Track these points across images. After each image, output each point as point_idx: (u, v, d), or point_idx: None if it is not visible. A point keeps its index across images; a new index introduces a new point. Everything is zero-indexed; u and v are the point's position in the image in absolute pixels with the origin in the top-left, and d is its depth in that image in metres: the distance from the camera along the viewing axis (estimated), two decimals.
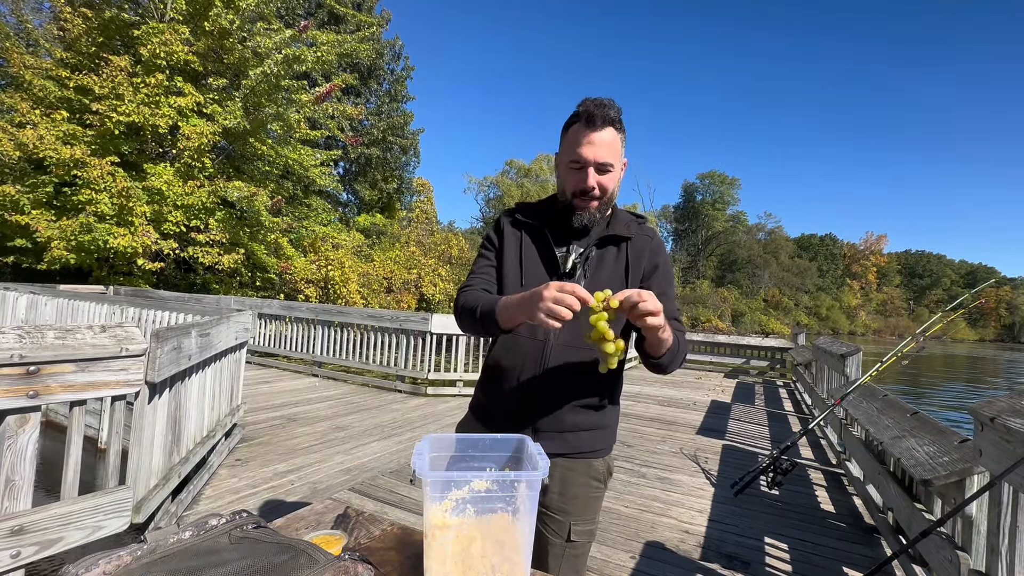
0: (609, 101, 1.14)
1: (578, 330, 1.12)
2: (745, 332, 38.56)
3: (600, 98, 1.15)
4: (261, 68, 11.40)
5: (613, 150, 1.14)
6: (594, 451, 1.21)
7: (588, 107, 1.13)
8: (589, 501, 1.19)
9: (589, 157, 1.12)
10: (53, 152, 9.77)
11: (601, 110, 1.12)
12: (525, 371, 1.16)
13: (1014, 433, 1.39)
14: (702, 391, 7.73)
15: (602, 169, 1.14)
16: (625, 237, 1.22)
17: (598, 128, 1.12)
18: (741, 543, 2.71)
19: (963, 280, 71.36)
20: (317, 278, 14.32)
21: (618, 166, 1.18)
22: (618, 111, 1.15)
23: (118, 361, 1.74)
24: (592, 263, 1.20)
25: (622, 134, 1.17)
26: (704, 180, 57.10)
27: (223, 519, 0.74)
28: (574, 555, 1.17)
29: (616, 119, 1.14)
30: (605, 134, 1.12)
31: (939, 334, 3.46)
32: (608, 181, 1.16)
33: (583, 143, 1.13)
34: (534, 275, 1.21)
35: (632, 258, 1.22)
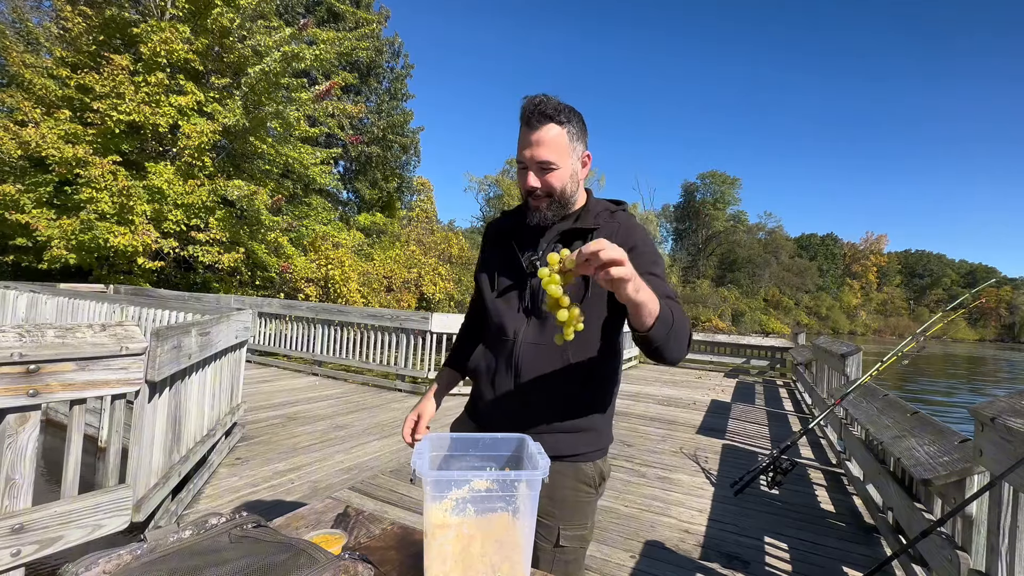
0: (546, 97, 1.11)
1: (545, 328, 1.13)
2: (745, 332, 38.57)
3: (538, 95, 1.12)
4: (261, 66, 11.40)
5: (555, 147, 1.10)
6: (578, 455, 1.16)
7: (525, 108, 1.11)
8: (578, 506, 1.15)
9: (528, 157, 1.11)
10: (55, 151, 9.76)
11: (536, 107, 1.09)
12: (500, 371, 1.18)
13: (1014, 433, 1.39)
14: (702, 390, 7.74)
15: (544, 168, 1.11)
16: (590, 228, 1.16)
17: (535, 127, 1.10)
18: (741, 542, 2.71)
19: (963, 280, 71.34)
20: (317, 277, 14.32)
21: (565, 162, 1.13)
22: (557, 105, 1.10)
23: (118, 360, 1.74)
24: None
25: (570, 127, 1.12)
26: (705, 179, 57.04)
27: (223, 518, 0.74)
28: (564, 560, 1.13)
29: (556, 114, 1.10)
30: (545, 132, 1.09)
31: (939, 334, 3.46)
32: (553, 179, 1.12)
33: (523, 145, 1.12)
34: (502, 280, 1.23)
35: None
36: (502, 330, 1.18)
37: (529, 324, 1.15)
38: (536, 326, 1.15)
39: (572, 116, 1.13)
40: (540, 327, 1.15)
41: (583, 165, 1.19)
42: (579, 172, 1.18)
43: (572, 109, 1.14)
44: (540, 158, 1.10)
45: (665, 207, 58.78)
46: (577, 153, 1.16)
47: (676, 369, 10.26)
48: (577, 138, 1.15)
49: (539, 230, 1.20)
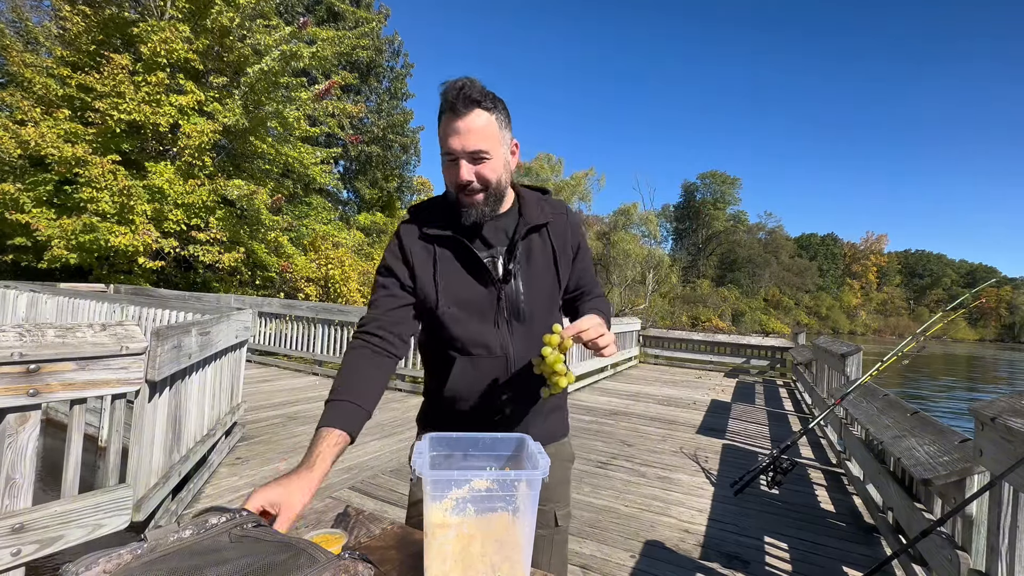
0: (469, 80, 1.03)
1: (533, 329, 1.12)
2: (745, 331, 38.56)
3: (459, 79, 1.04)
4: (260, 65, 11.39)
5: (486, 135, 1.02)
6: (562, 433, 1.25)
7: (446, 93, 1.02)
8: (565, 484, 1.23)
9: (457, 148, 1.02)
10: (55, 150, 9.76)
11: (460, 92, 1.01)
12: (492, 391, 1.12)
13: (1015, 433, 1.39)
14: (702, 390, 7.73)
15: (476, 158, 1.03)
16: (542, 223, 1.14)
17: (461, 114, 1.00)
18: (741, 542, 2.71)
19: (963, 280, 71.33)
20: (317, 277, 14.32)
21: (498, 151, 1.05)
22: (482, 89, 1.03)
23: (118, 359, 1.74)
24: (522, 260, 1.12)
25: (497, 113, 1.05)
26: (705, 179, 57.07)
27: (223, 517, 0.74)
28: (561, 541, 1.19)
29: (483, 98, 1.02)
30: (473, 119, 1.01)
31: (939, 334, 3.47)
32: (487, 171, 1.04)
33: (450, 134, 1.02)
34: (463, 289, 1.09)
35: (557, 244, 1.16)
36: (484, 347, 1.09)
37: (514, 334, 1.10)
38: (522, 336, 1.11)
39: (497, 102, 1.06)
40: (527, 332, 1.11)
41: (512, 154, 1.12)
42: (510, 161, 1.11)
43: (496, 96, 1.07)
44: (472, 147, 1.02)
45: (665, 207, 58.83)
46: (506, 141, 1.09)
47: (676, 369, 10.26)
48: (505, 125, 1.08)
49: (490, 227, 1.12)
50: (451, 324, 1.10)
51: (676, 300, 42.74)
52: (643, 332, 10.93)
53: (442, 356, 1.14)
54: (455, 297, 1.09)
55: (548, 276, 1.14)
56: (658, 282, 36.95)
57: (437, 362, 1.16)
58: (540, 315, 1.13)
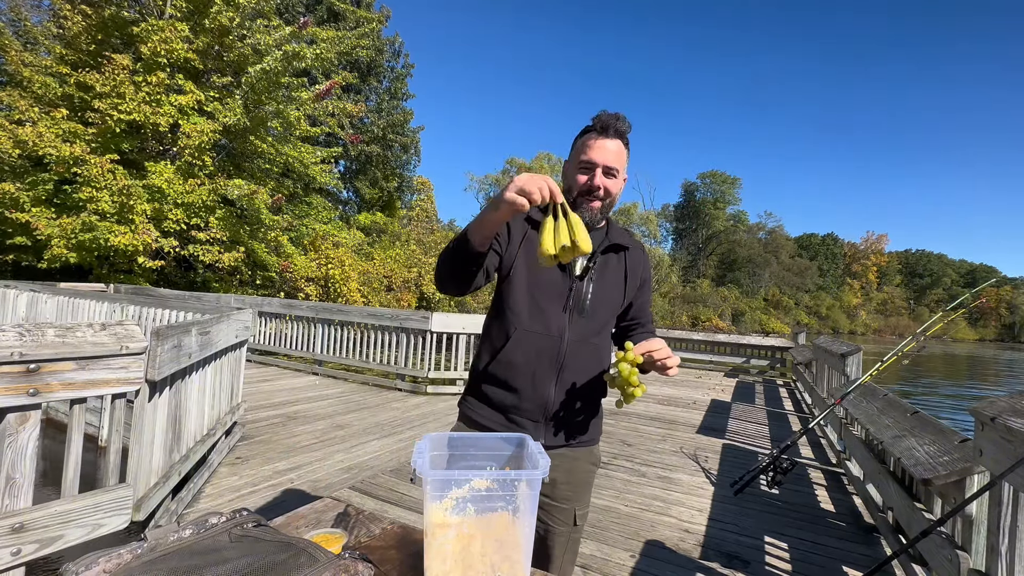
0: (622, 116, 1.24)
1: (588, 326, 1.25)
2: (745, 331, 38.57)
3: (616, 112, 1.25)
4: (261, 65, 11.39)
5: (621, 159, 1.25)
6: (596, 438, 1.33)
7: (604, 118, 1.24)
8: (589, 486, 1.31)
9: (598, 160, 1.22)
10: (52, 149, 9.76)
11: (615, 122, 1.23)
12: (541, 366, 1.22)
13: (1015, 433, 1.39)
14: (702, 390, 7.74)
15: (609, 173, 1.23)
16: (624, 247, 1.33)
17: (610, 136, 1.23)
18: (741, 542, 2.71)
19: (963, 280, 71.33)
20: (317, 276, 14.32)
21: (622, 174, 1.27)
22: (629, 127, 1.26)
23: (118, 359, 1.74)
24: (599, 267, 1.28)
25: (627, 150, 1.27)
26: (705, 179, 57.04)
27: (223, 517, 0.74)
28: (576, 539, 1.28)
29: (625, 133, 1.25)
30: (618, 145, 1.23)
31: (939, 334, 3.46)
32: (612, 185, 1.25)
33: (595, 147, 1.22)
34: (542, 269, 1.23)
35: (630, 268, 1.33)
36: (545, 325, 1.22)
37: (572, 323, 1.23)
38: (580, 325, 1.24)
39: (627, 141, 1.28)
40: (584, 326, 1.24)
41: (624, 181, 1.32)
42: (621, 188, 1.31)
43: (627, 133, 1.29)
44: (610, 163, 1.23)
45: (665, 207, 58.82)
46: (625, 172, 1.30)
47: None
48: (627, 160, 1.30)
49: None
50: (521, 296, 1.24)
51: (676, 300, 42.74)
52: None
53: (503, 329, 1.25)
54: (532, 273, 1.24)
55: (615, 290, 1.31)
56: (658, 282, 36.96)
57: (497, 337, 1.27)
58: (599, 316, 1.27)
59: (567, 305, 1.24)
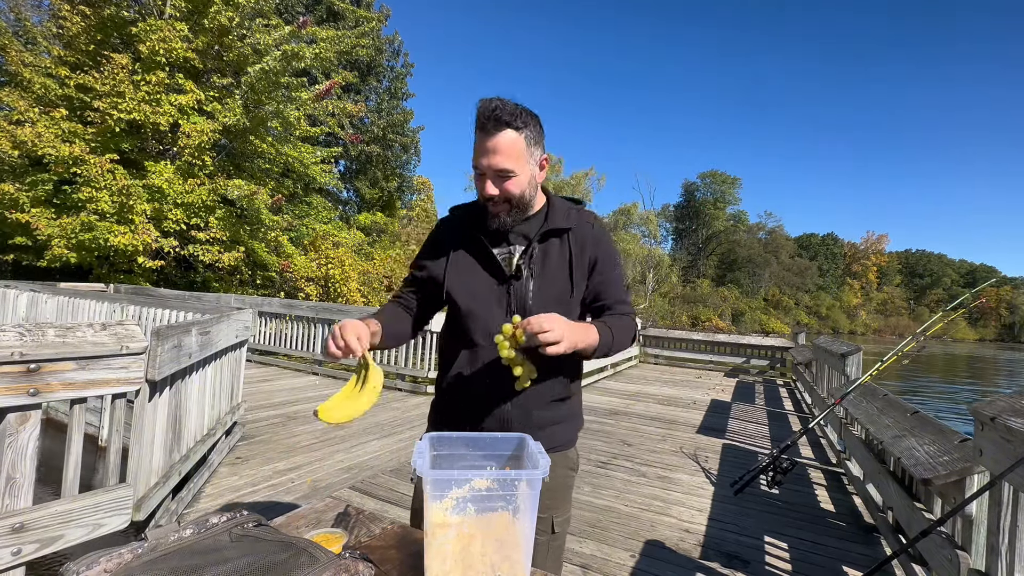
0: (501, 101, 1.08)
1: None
2: (745, 331, 38.57)
3: (492, 99, 1.09)
4: (260, 65, 11.39)
5: (512, 154, 1.08)
6: (568, 442, 1.24)
7: (480, 111, 1.08)
8: (566, 491, 1.23)
9: (484, 164, 1.09)
10: (52, 150, 9.75)
11: (492, 113, 1.06)
12: (493, 380, 1.14)
13: (1014, 433, 1.39)
14: (702, 390, 7.74)
15: (502, 176, 1.10)
16: (565, 228, 1.19)
17: (491, 134, 1.07)
18: (741, 542, 2.71)
19: (963, 280, 71.33)
20: (317, 276, 14.32)
21: (524, 168, 1.11)
22: (514, 109, 1.08)
23: (118, 359, 1.74)
24: (537, 260, 1.17)
25: (528, 130, 1.10)
26: (705, 179, 57.05)
27: (223, 517, 0.74)
28: (557, 546, 1.20)
29: (512, 119, 1.07)
30: (501, 139, 1.07)
31: (939, 333, 3.47)
32: (512, 186, 1.11)
33: (478, 150, 1.10)
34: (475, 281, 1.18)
35: (575, 249, 1.19)
36: (489, 338, 1.13)
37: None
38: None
39: (529, 120, 1.11)
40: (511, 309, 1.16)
41: (540, 168, 1.17)
42: (537, 176, 1.17)
43: (528, 112, 1.12)
44: (498, 166, 1.08)
45: (665, 207, 58.79)
46: (535, 158, 1.14)
47: (676, 368, 10.27)
48: (534, 142, 1.13)
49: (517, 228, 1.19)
50: (461, 313, 1.19)
51: (676, 300, 42.75)
52: (643, 332, 10.93)
53: (453, 347, 1.21)
54: (465, 287, 1.18)
55: (561, 279, 1.17)
56: (658, 282, 36.97)
57: (449, 353, 1.23)
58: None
59: (508, 311, 1.14)
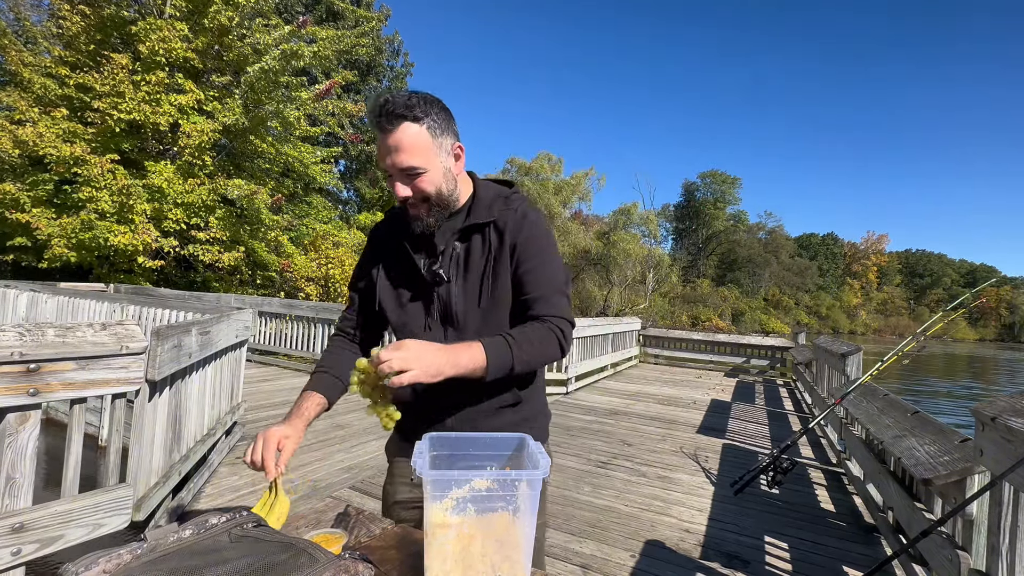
0: (392, 94, 1.00)
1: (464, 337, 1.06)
2: (745, 331, 38.54)
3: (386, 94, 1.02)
4: (260, 64, 11.39)
5: (416, 149, 1.00)
6: None
7: (371, 111, 1.01)
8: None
9: (389, 165, 1.01)
10: (53, 149, 9.76)
11: (383, 108, 0.99)
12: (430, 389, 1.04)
13: (1015, 433, 1.39)
14: (702, 390, 7.73)
15: (410, 174, 1.01)
16: (487, 222, 1.08)
17: (388, 131, 0.99)
18: (741, 542, 2.71)
19: (963, 279, 71.31)
20: (317, 276, 14.30)
21: (433, 163, 1.02)
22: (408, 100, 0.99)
23: (118, 359, 1.74)
24: (458, 261, 1.09)
25: (430, 120, 1.01)
26: (705, 179, 56.99)
27: (223, 517, 0.74)
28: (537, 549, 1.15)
29: (408, 110, 0.98)
30: (401, 135, 0.99)
31: (940, 333, 3.48)
32: (425, 184, 1.03)
33: (382, 152, 1.02)
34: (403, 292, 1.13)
35: (495, 242, 1.08)
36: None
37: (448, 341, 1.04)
38: (454, 337, 1.07)
39: (430, 108, 1.01)
40: (457, 337, 1.07)
41: (456, 158, 1.08)
42: (452, 167, 1.08)
43: (428, 99, 1.02)
44: (402, 164, 1.00)
45: (665, 206, 58.76)
46: (445, 148, 1.05)
47: (676, 368, 10.26)
48: (442, 131, 1.03)
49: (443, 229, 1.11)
50: (393, 326, 1.14)
51: (676, 300, 42.72)
52: (643, 332, 10.93)
53: None
54: (394, 299, 1.14)
55: (486, 279, 1.07)
56: (658, 282, 36.93)
57: None
58: (474, 320, 1.07)
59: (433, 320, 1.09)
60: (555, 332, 1.02)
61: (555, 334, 1.02)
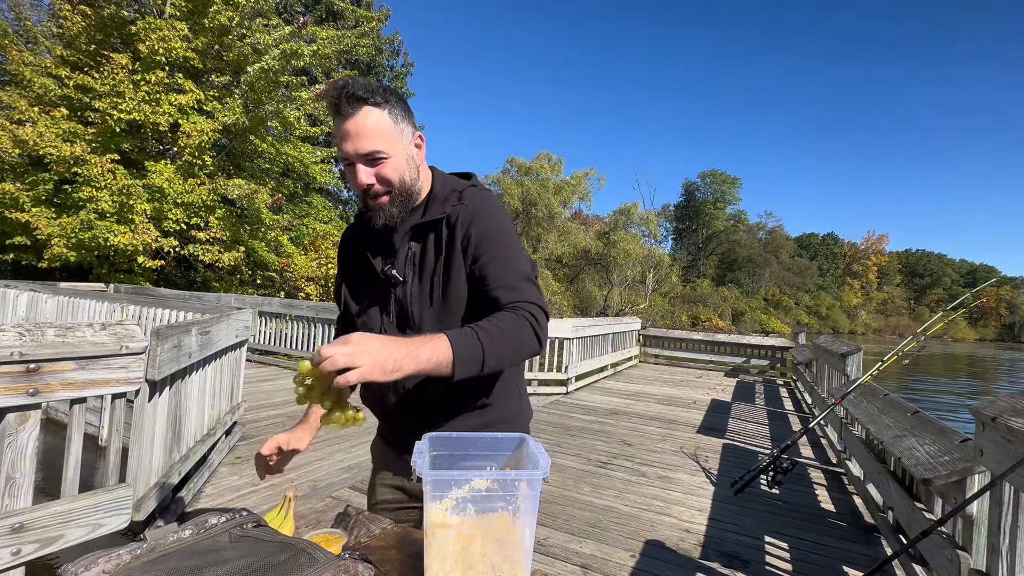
0: (352, 78, 0.97)
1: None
2: (745, 331, 38.54)
3: (344, 78, 0.99)
4: (260, 64, 11.40)
5: (378, 134, 0.96)
6: None
7: (328, 95, 0.97)
8: None
9: (351, 151, 0.97)
10: (53, 149, 9.76)
11: (343, 92, 0.95)
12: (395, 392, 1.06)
13: (1015, 433, 1.39)
14: (702, 390, 7.73)
15: (372, 160, 0.98)
16: (439, 219, 1.04)
17: (349, 115, 0.95)
18: (741, 542, 2.71)
19: (964, 279, 71.32)
20: (318, 276, 14.30)
21: (397, 148, 0.99)
22: (368, 85, 0.97)
23: (118, 359, 1.74)
24: (415, 262, 1.05)
25: (390, 107, 0.99)
26: (705, 179, 56.99)
27: (223, 517, 0.74)
28: None
29: (369, 95, 0.96)
30: (362, 119, 0.95)
31: (940, 333, 3.48)
32: (388, 171, 0.99)
33: (341, 137, 0.97)
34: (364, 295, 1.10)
35: (446, 239, 1.03)
36: None
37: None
38: None
39: (389, 95, 1.00)
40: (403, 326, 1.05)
41: (417, 147, 1.06)
42: (415, 155, 1.05)
43: (388, 88, 1.02)
44: (366, 149, 0.96)
45: (665, 206, 58.74)
46: (407, 135, 1.03)
47: (676, 368, 10.26)
48: (402, 118, 1.02)
49: (389, 230, 1.06)
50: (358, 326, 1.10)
51: (676, 300, 42.71)
52: (643, 332, 10.93)
53: None
54: (358, 303, 1.11)
55: (437, 277, 1.03)
56: (658, 282, 36.93)
57: None
58: (430, 323, 1.02)
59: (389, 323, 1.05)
60: (528, 319, 0.93)
61: (528, 321, 0.93)
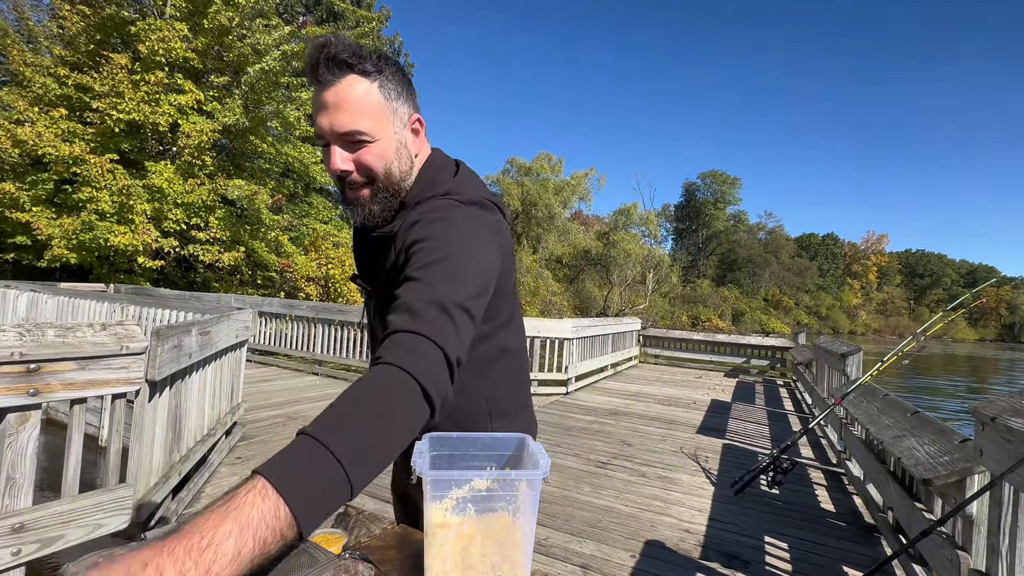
0: (337, 37, 0.76)
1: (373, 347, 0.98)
2: (745, 331, 38.54)
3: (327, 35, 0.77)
4: (260, 65, 11.41)
5: (362, 110, 0.76)
6: None
7: (308, 58, 0.75)
8: None
9: (326, 127, 0.76)
10: (52, 149, 9.77)
11: (323, 53, 0.73)
12: None
13: (1015, 433, 1.39)
14: (702, 390, 7.73)
15: (352, 142, 0.77)
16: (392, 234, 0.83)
17: (328, 83, 0.75)
18: (741, 542, 2.71)
19: (963, 280, 71.34)
20: (318, 276, 14.31)
21: (385, 129, 0.79)
22: (358, 49, 0.76)
23: (118, 359, 1.74)
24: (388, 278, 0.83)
25: (383, 79, 0.78)
26: (705, 179, 57.02)
27: None
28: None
29: (357, 60, 0.75)
30: (344, 89, 0.75)
31: (940, 333, 3.48)
32: (370, 157, 0.78)
33: (316, 108, 0.77)
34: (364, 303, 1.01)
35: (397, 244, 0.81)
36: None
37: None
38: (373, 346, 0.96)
39: (384, 64, 0.78)
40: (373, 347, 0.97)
41: (414, 133, 0.85)
42: (410, 143, 0.84)
43: (384, 56, 0.79)
44: (344, 128, 0.76)
45: (665, 207, 58.79)
46: (401, 116, 0.82)
47: (676, 369, 10.26)
48: (397, 95, 0.80)
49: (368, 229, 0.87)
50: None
51: (676, 300, 42.73)
52: (643, 332, 10.93)
53: None
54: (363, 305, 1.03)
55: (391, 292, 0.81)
56: (658, 282, 36.94)
57: None
58: None
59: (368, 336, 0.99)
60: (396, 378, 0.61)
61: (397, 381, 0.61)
